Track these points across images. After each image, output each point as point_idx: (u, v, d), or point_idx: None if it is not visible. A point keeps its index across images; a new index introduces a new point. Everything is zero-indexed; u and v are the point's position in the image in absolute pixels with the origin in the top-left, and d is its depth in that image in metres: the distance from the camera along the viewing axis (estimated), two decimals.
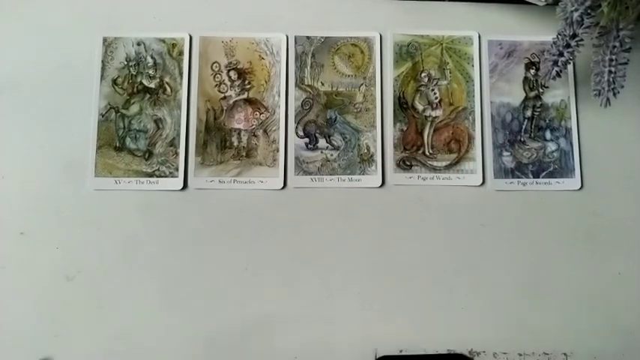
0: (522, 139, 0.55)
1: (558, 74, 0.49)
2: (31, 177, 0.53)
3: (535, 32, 0.57)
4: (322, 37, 0.57)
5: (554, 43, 0.48)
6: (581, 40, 0.46)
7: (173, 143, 0.54)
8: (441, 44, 0.57)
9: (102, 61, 0.55)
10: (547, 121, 0.56)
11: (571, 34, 0.46)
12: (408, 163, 0.55)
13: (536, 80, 0.56)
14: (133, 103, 0.55)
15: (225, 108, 0.55)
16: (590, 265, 0.53)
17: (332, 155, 0.55)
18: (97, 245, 0.52)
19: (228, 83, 0.56)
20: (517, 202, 0.54)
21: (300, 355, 0.51)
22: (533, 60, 0.57)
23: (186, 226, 0.53)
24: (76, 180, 0.53)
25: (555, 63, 0.48)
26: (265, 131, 0.55)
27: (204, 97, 0.55)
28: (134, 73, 0.55)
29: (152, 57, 0.56)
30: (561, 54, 0.48)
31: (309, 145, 0.55)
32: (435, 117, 0.56)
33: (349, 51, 0.56)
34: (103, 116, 0.54)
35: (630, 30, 0.45)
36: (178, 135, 0.54)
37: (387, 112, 0.55)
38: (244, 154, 0.54)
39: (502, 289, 0.52)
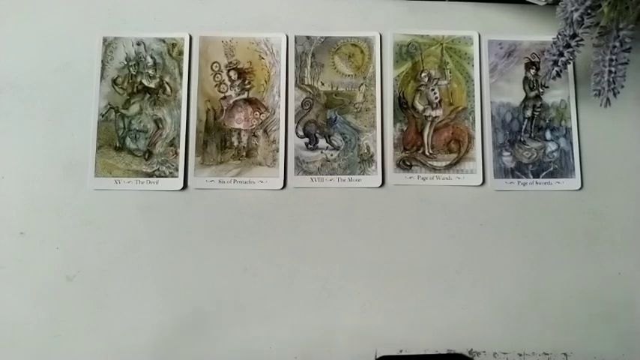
0: (522, 139, 0.55)
1: (558, 74, 0.49)
2: (31, 177, 0.53)
3: (535, 32, 0.57)
4: (322, 37, 0.57)
5: (555, 43, 0.48)
6: (582, 40, 0.46)
7: (173, 143, 0.54)
8: (441, 44, 0.57)
9: (102, 61, 0.55)
10: (547, 121, 0.56)
11: (571, 34, 0.46)
12: (408, 163, 0.55)
13: (537, 80, 0.56)
14: (133, 103, 0.55)
15: (225, 108, 0.55)
16: (590, 265, 0.53)
17: (332, 155, 0.54)
18: (97, 245, 0.52)
19: (228, 83, 0.56)
20: (517, 202, 0.54)
21: (300, 355, 0.51)
22: (533, 60, 0.57)
23: (186, 226, 0.53)
24: (76, 180, 0.53)
25: (555, 63, 0.48)
26: (265, 131, 0.55)
27: (204, 97, 0.55)
28: (134, 73, 0.55)
29: (152, 57, 0.56)
30: (561, 54, 0.47)
31: (309, 145, 0.55)
32: (435, 117, 0.56)
33: (349, 51, 0.56)
34: (103, 116, 0.54)
35: (630, 30, 0.45)
36: (178, 135, 0.54)
37: (387, 112, 0.55)
38: (244, 154, 0.54)
39: (502, 289, 0.52)
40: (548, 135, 0.55)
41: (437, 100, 0.56)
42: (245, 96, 0.56)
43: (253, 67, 0.56)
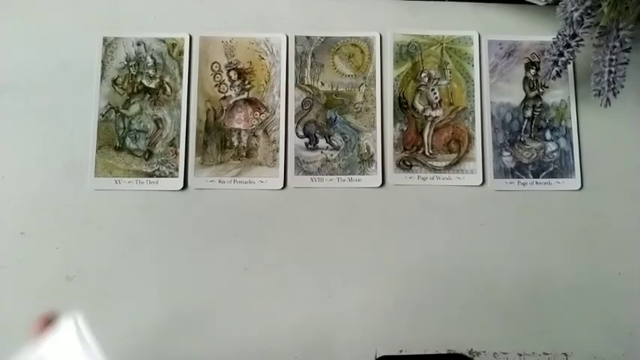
0: (522, 139, 0.55)
1: (558, 74, 0.49)
2: (31, 177, 0.53)
3: (535, 32, 0.57)
4: (322, 37, 0.57)
5: (555, 43, 0.48)
6: (582, 40, 0.46)
7: (173, 143, 0.54)
8: (441, 44, 0.57)
9: (102, 61, 0.55)
10: (547, 121, 0.56)
11: (571, 34, 0.46)
12: (408, 163, 0.55)
13: (537, 80, 0.56)
14: (133, 103, 0.55)
15: (225, 108, 0.55)
16: (590, 265, 0.53)
17: (332, 155, 0.54)
18: (97, 245, 0.52)
19: (228, 83, 0.56)
20: (517, 202, 0.54)
21: (300, 355, 0.51)
22: (533, 60, 0.57)
23: (186, 226, 0.53)
24: (76, 180, 0.53)
25: (555, 63, 0.48)
26: (265, 131, 0.55)
27: (204, 97, 0.55)
28: (134, 73, 0.55)
29: (152, 57, 0.56)
30: (561, 54, 0.48)
31: (309, 145, 0.55)
32: (435, 117, 0.56)
33: (349, 51, 0.56)
34: (103, 116, 0.54)
35: (630, 30, 0.45)
36: (178, 135, 0.54)
37: (387, 112, 0.55)
38: (244, 154, 0.54)
39: (502, 289, 0.52)
40: (548, 135, 0.55)
41: (437, 100, 0.56)
42: (245, 96, 0.56)
43: (253, 67, 0.56)
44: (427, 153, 0.55)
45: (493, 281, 0.52)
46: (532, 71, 0.57)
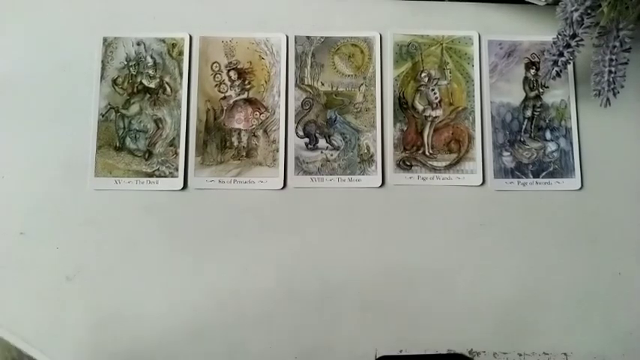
0: (522, 139, 0.55)
1: (558, 74, 0.49)
2: (31, 177, 0.53)
3: (535, 32, 0.57)
4: (322, 37, 0.57)
5: (554, 43, 0.48)
6: (581, 40, 0.46)
7: (173, 143, 0.54)
8: (441, 44, 0.57)
9: (102, 61, 0.55)
10: (547, 121, 0.56)
11: (571, 34, 0.46)
12: (408, 163, 0.55)
13: (536, 80, 0.56)
14: (133, 103, 0.55)
15: (225, 108, 0.55)
16: (590, 265, 0.53)
17: (332, 155, 0.55)
18: (97, 245, 0.52)
19: (228, 83, 0.56)
20: (517, 202, 0.54)
21: (300, 355, 0.51)
22: (533, 60, 0.57)
23: (186, 226, 0.53)
24: (76, 180, 0.53)
25: (555, 63, 0.48)
26: (265, 131, 0.55)
27: (204, 97, 0.55)
28: (134, 73, 0.55)
29: (152, 57, 0.56)
30: (561, 54, 0.48)
31: (309, 145, 0.55)
32: (435, 117, 0.56)
33: (349, 51, 0.56)
34: (103, 116, 0.54)
35: (630, 30, 0.45)
36: (178, 135, 0.54)
37: (387, 112, 0.55)
38: (244, 154, 0.54)
39: (502, 289, 0.52)
40: (548, 135, 0.55)
41: (437, 100, 0.56)
42: (245, 96, 0.56)
43: (253, 67, 0.56)
44: (427, 153, 0.55)
45: (493, 281, 0.52)
46: (532, 71, 0.57)
